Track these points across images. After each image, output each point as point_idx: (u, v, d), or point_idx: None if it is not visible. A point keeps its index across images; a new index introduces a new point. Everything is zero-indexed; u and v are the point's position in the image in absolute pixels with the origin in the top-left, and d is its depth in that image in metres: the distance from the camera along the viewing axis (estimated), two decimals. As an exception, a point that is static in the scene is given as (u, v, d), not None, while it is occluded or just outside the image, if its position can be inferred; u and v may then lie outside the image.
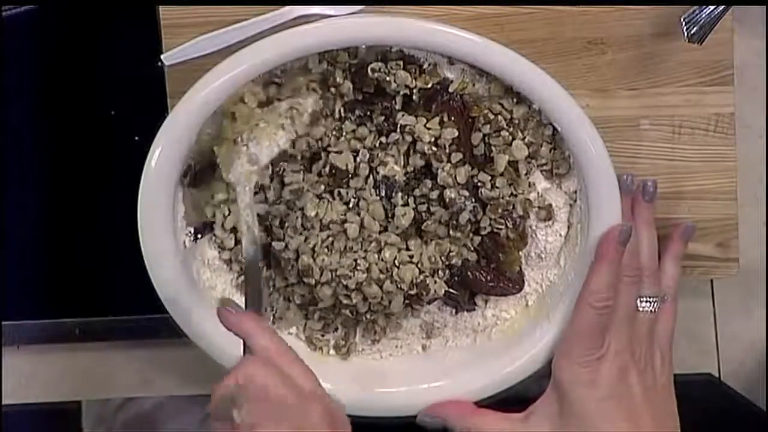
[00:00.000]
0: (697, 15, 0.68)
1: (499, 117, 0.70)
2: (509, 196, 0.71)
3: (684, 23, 0.68)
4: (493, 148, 0.70)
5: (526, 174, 0.72)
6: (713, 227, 0.75)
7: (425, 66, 0.70)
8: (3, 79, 0.77)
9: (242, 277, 0.73)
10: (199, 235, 0.73)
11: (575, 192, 0.72)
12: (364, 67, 0.70)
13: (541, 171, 0.72)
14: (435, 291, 0.72)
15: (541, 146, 0.71)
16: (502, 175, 0.71)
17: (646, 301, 0.70)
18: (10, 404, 0.81)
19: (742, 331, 0.81)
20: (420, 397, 0.73)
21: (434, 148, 0.70)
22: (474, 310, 0.75)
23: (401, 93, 0.70)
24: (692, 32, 0.68)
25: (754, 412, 0.77)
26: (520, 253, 0.73)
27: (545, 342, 0.72)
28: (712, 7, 0.68)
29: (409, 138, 0.70)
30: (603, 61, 0.72)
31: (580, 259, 0.71)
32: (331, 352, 0.75)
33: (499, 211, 0.71)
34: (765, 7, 0.75)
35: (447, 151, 0.70)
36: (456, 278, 0.73)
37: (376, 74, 0.69)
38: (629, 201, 0.71)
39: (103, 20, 0.76)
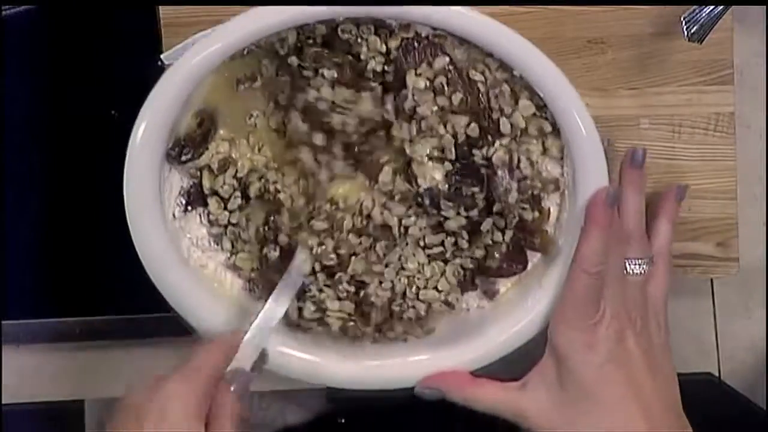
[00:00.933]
0: (697, 14, 0.68)
1: (497, 75, 0.69)
2: (531, 172, 0.71)
3: (684, 22, 0.68)
4: (502, 109, 0.70)
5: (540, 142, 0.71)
6: (713, 227, 0.75)
7: (395, 28, 0.69)
8: (3, 79, 0.77)
9: (235, 257, 0.73)
10: (189, 207, 0.73)
11: (562, 158, 0.71)
12: (335, 31, 0.69)
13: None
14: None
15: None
16: (515, 140, 0.70)
17: (635, 264, 0.69)
18: (11, 403, 0.81)
19: (742, 330, 0.81)
20: (413, 370, 0.73)
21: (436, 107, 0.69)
22: (475, 290, 0.74)
23: (375, 59, 0.69)
24: (692, 32, 0.68)
25: (754, 412, 0.77)
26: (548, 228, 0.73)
27: (538, 309, 0.71)
28: (711, 7, 0.68)
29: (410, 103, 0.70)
30: (603, 61, 0.72)
31: (569, 224, 0.70)
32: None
33: (526, 192, 0.71)
34: (765, 6, 0.75)
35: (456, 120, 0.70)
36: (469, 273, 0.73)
37: (346, 35, 0.69)
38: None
39: (102, 20, 0.76)
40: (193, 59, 0.67)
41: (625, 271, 0.69)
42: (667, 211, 0.71)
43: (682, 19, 0.68)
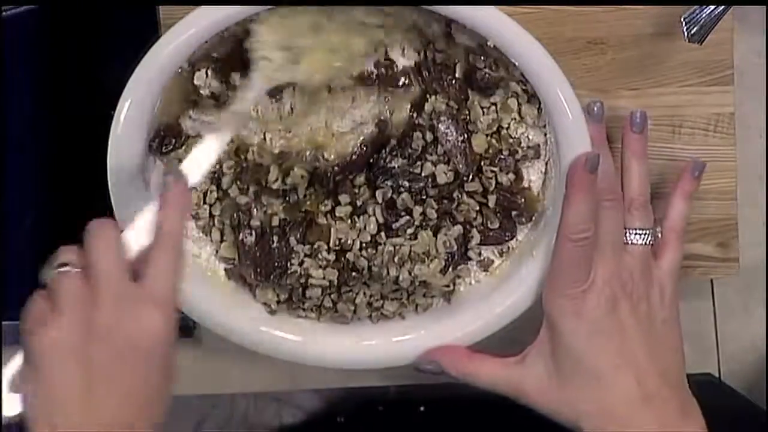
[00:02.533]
0: (697, 15, 0.68)
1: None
2: (507, 135, 0.71)
3: (684, 23, 0.68)
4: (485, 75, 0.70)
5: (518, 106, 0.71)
6: (713, 227, 0.75)
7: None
8: (3, 79, 0.77)
9: (220, 246, 0.73)
10: None
11: (544, 126, 0.71)
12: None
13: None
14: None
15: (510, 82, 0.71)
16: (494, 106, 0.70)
17: (636, 234, 0.68)
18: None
19: (743, 330, 0.81)
20: (410, 348, 0.73)
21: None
22: (467, 262, 0.74)
23: None
24: (692, 32, 0.68)
25: (754, 412, 0.77)
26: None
27: (532, 279, 0.71)
28: (712, 7, 0.68)
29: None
30: (603, 61, 0.72)
31: (557, 192, 0.70)
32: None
33: (501, 155, 0.70)
34: (765, 7, 0.75)
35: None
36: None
37: None
38: (601, 129, 0.69)
39: (103, 20, 0.76)
40: (170, 44, 0.67)
41: (625, 241, 0.68)
42: (682, 187, 0.70)
43: (682, 19, 0.68)
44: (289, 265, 0.71)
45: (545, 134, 0.71)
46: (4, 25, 0.76)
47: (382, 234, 0.71)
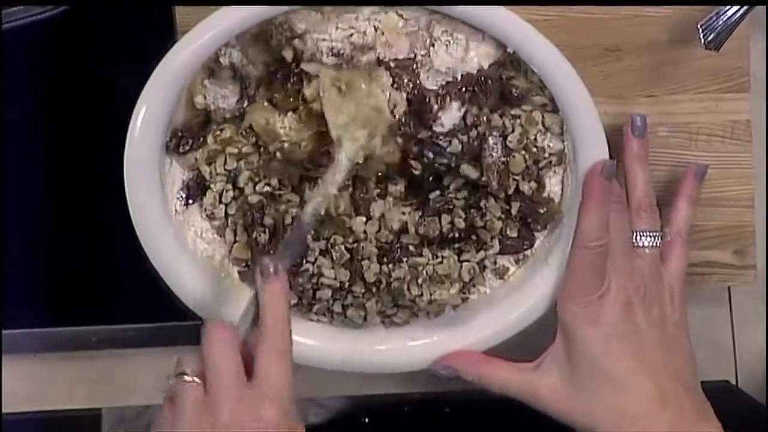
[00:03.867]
0: (713, 22, 0.68)
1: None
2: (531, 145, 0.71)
3: (701, 30, 0.68)
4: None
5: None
6: (730, 234, 0.75)
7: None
8: (13, 86, 0.77)
9: (235, 247, 0.73)
10: (191, 200, 0.73)
11: (562, 133, 0.71)
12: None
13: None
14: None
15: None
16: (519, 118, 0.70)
17: (644, 236, 0.68)
18: (27, 412, 0.81)
19: (760, 337, 0.80)
20: (423, 352, 0.73)
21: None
22: (484, 270, 0.74)
23: None
24: (709, 39, 0.68)
25: (771, 419, 0.77)
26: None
27: (547, 286, 0.71)
28: (729, 14, 0.68)
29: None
30: (620, 68, 0.73)
31: (573, 199, 0.70)
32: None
33: (525, 162, 0.70)
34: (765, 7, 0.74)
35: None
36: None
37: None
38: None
39: (118, 24, 0.76)
40: (188, 48, 0.67)
41: (634, 244, 0.68)
42: (685, 189, 0.71)
43: (698, 26, 0.68)
44: (303, 261, 0.71)
45: (563, 141, 0.71)
46: (22, 32, 0.76)
47: (405, 248, 0.72)
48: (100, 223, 0.79)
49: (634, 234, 0.68)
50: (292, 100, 0.70)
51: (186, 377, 0.62)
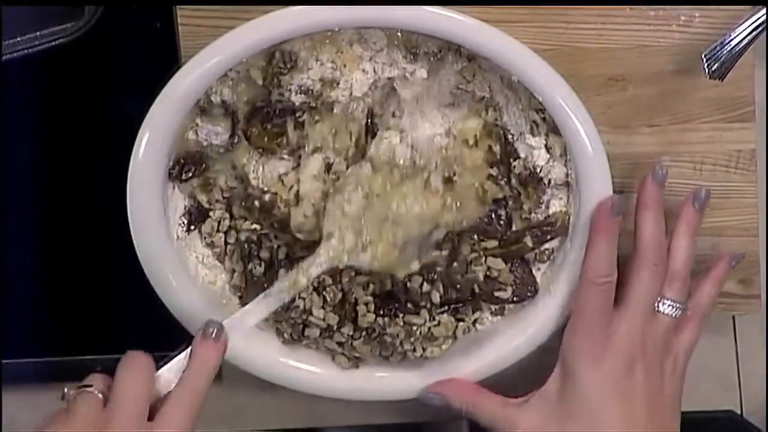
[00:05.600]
0: (718, 51, 0.68)
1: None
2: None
3: (705, 60, 0.68)
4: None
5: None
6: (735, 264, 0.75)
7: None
8: (14, 109, 0.77)
9: (235, 276, 0.73)
10: (192, 226, 0.73)
11: (565, 163, 0.71)
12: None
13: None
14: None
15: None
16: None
17: (669, 305, 0.69)
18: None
19: (765, 367, 0.80)
20: (422, 380, 0.73)
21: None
22: (483, 311, 0.74)
23: None
24: (713, 69, 0.68)
25: (777, 450, 0.77)
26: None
27: (548, 314, 0.71)
28: (733, 44, 0.68)
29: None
30: (624, 98, 0.72)
31: (575, 226, 0.70)
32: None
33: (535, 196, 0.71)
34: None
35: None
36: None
37: None
38: (660, 192, 0.70)
39: (122, 49, 0.76)
40: (192, 74, 0.68)
41: (656, 308, 0.69)
42: (716, 273, 0.72)
43: (702, 56, 0.68)
44: (292, 302, 0.71)
45: (567, 168, 0.71)
46: (23, 62, 0.75)
47: (404, 304, 0.72)
48: (103, 251, 0.79)
49: (660, 299, 0.69)
50: (269, 140, 0.71)
51: (89, 389, 0.62)
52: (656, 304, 0.69)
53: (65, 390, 0.63)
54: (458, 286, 0.72)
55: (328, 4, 0.67)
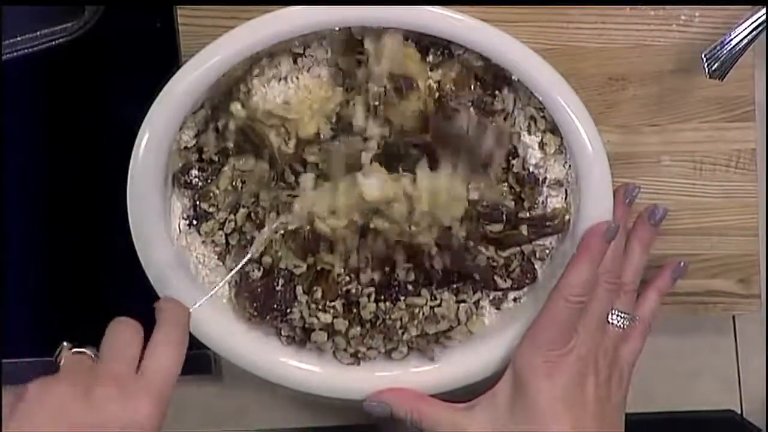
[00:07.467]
0: (718, 51, 0.68)
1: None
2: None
3: (705, 59, 0.68)
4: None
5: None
6: (735, 263, 0.75)
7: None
8: (14, 109, 0.76)
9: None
10: (192, 226, 0.73)
11: (565, 162, 0.71)
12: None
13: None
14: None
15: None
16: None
17: (618, 316, 0.70)
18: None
19: (765, 367, 0.80)
20: (423, 379, 0.73)
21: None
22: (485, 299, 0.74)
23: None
24: (713, 68, 0.68)
25: (777, 450, 0.77)
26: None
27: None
28: (733, 44, 0.68)
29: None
30: (624, 97, 0.72)
31: (574, 228, 0.71)
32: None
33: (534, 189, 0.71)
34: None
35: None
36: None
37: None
38: (628, 213, 0.71)
39: (122, 49, 0.76)
40: (192, 74, 0.68)
41: (607, 320, 0.69)
42: (659, 284, 0.72)
43: (703, 56, 0.68)
44: (288, 311, 0.72)
45: (566, 167, 0.71)
46: (23, 62, 0.75)
47: (404, 287, 0.72)
48: (103, 251, 0.79)
49: (611, 311, 0.70)
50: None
51: (82, 350, 0.62)
52: (607, 316, 0.70)
53: (59, 348, 0.63)
54: (465, 262, 0.72)
55: (328, 4, 0.67)
